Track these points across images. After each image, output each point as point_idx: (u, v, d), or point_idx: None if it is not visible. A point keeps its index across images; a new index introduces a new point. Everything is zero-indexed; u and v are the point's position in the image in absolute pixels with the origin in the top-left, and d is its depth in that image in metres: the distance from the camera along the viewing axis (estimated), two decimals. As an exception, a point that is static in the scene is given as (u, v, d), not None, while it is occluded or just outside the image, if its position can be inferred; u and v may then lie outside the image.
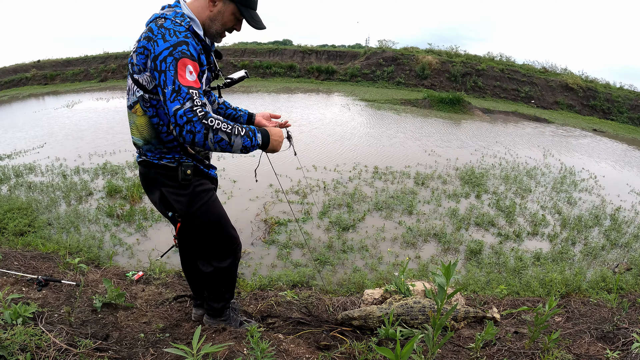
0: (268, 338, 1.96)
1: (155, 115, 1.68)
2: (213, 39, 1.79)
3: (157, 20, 1.60)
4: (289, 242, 4.95)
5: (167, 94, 1.49)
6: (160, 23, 1.57)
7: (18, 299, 2.11)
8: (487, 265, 4.52)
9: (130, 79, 1.68)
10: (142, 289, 2.85)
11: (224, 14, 1.71)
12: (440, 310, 1.51)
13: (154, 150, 1.75)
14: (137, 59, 1.61)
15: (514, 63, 23.96)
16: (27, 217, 5.12)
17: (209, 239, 1.92)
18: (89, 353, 1.65)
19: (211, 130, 1.50)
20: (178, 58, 1.51)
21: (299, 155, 2.35)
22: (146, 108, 1.67)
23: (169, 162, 1.76)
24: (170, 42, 1.52)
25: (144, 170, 1.84)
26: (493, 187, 7.38)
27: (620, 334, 2.03)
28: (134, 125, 1.74)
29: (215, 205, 1.89)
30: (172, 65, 1.50)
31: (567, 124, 16.65)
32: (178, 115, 1.48)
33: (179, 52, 1.52)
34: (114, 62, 26.01)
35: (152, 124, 1.70)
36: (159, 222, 5.43)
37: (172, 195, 1.79)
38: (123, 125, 11.68)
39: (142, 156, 1.81)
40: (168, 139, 1.73)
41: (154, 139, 1.73)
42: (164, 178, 1.78)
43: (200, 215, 1.82)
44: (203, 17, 1.70)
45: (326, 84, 23.35)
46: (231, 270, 2.02)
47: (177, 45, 1.52)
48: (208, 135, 1.51)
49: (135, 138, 1.77)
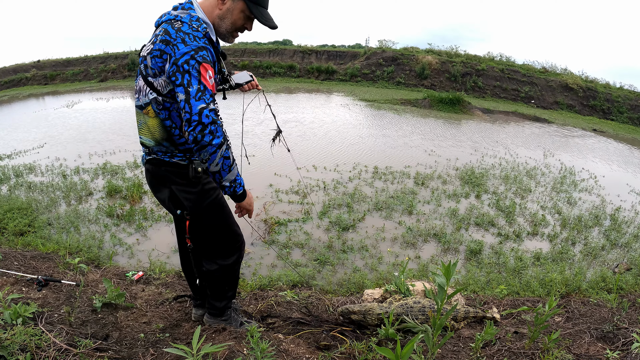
0: (268, 338, 1.96)
1: (167, 118, 1.68)
2: (224, 39, 1.79)
3: (172, 22, 1.60)
4: (289, 242, 4.95)
5: (193, 93, 1.51)
6: (178, 27, 1.57)
7: (18, 299, 2.11)
8: (487, 265, 4.52)
9: (142, 81, 1.67)
10: (142, 289, 2.85)
11: (233, 12, 1.71)
12: (440, 310, 1.51)
13: (165, 149, 1.75)
14: (153, 62, 1.60)
15: (514, 63, 23.98)
16: (27, 217, 5.12)
17: (215, 236, 1.93)
18: (89, 353, 1.65)
19: (227, 143, 1.58)
20: (201, 62, 1.54)
21: (298, 155, 2.36)
22: (159, 110, 1.67)
23: (180, 160, 1.76)
24: (191, 46, 1.54)
25: (153, 168, 1.83)
26: (493, 187, 7.38)
27: (620, 334, 2.03)
28: (144, 126, 1.74)
29: (222, 203, 1.90)
30: (196, 68, 1.53)
31: (567, 124, 16.65)
32: (204, 114, 1.51)
33: (201, 56, 1.55)
34: (114, 62, 26.04)
35: (164, 126, 1.70)
36: (159, 222, 5.43)
37: (182, 193, 1.80)
38: (123, 125, 11.69)
39: (152, 154, 1.80)
40: (180, 142, 1.73)
41: (165, 140, 1.73)
42: (174, 176, 1.78)
43: (208, 213, 1.84)
44: (213, 16, 1.71)
45: (326, 84, 23.36)
46: (235, 268, 2.04)
47: (198, 49, 1.55)
48: (223, 145, 1.58)
49: (146, 138, 1.76)
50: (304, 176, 7.45)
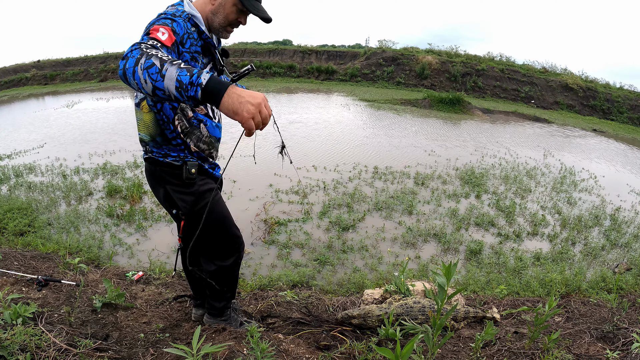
0: (268, 338, 1.96)
1: (159, 111, 1.70)
2: (218, 34, 1.79)
3: (158, 15, 1.62)
4: (289, 242, 4.95)
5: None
6: (160, 14, 1.60)
7: (18, 299, 2.11)
8: (487, 265, 4.52)
9: None
10: (142, 289, 2.85)
11: (225, 6, 1.70)
12: (440, 311, 1.51)
13: (160, 147, 1.77)
14: None
15: (514, 63, 23.98)
16: (27, 217, 5.12)
17: (212, 238, 1.92)
18: (88, 353, 1.65)
19: (145, 55, 1.22)
20: (153, 24, 1.51)
21: (298, 155, 2.36)
22: (153, 104, 1.69)
23: (173, 161, 1.77)
24: (156, 18, 1.55)
25: (150, 167, 1.85)
26: (493, 187, 7.38)
27: (620, 334, 2.03)
28: (141, 122, 1.76)
29: (219, 205, 1.90)
30: (147, 29, 1.50)
31: (567, 124, 16.65)
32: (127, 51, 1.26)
33: (160, 20, 1.53)
34: (114, 62, 26.01)
35: (156, 121, 1.72)
36: (159, 222, 5.43)
37: (176, 194, 1.81)
38: (123, 125, 11.69)
39: (149, 153, 1.81)
40: (172, 136, 1.74)
41: (159, 135, 1.74)
42: (169, 176, 1.80)
43: (205, 215, 1.83)
44: (206, 12, 1.72)
45: (326, 84, 23.35)
46: (233, 270, 2.03)
47: (162, 18, 1.54)
48: (140, 60, 1.21)
49: (143, 134, 1.78)
50: (304, 176, 7.45)
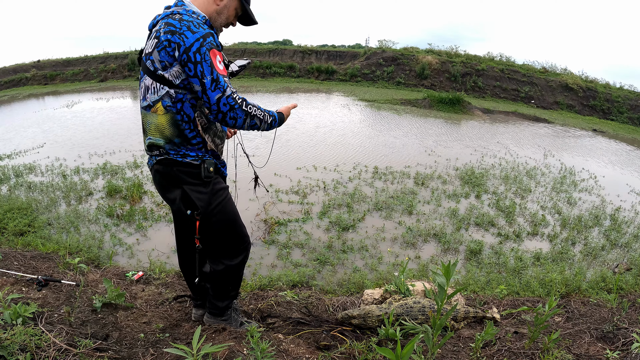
0: (268, 338, 1.96)
1: (179, 112, 1.69)
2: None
3: (171, 16, 1.63)
4: (288, 242, 4.95)
5: (207, 84, 1.58)
6: (179, 18, 1.61)
7: (18, 299, 2.11)
8: (487, 265, 4.52)
9: (150, 79, 1.68)
10: (142, 289, 2.85)
11: (229, 9, 1.79)
12: (440, 311, 1.51)
13: (178, 148, 1.75)
14: (162, 55, 1.62)
15: (514, 63, 23.96)
16: (27, 217, 5.12)
17: (223, 236, 1.94)
18: (88, 353, 1.65)
19: (249, 116, 1.70)
20: (209, 49, 1.58)
21: (298, 155, 2.38)
22: (172, 104, 1.68)
23: (193, 160, 1.77)
24: (198, 33, 1.58)
25: (164, 169, 1.80)
26: (493, 187, 7.38)
27: (620, 334, 2.03)
28: (152, 126, 1.74)
29: (231, 204, 1.92)
30: (207, 56, 1.57)
31: (567, 124, 16.64)
32: (221, 104, 1.62)
33: (209, 43, 1.59)
34: (114, 62, 26.01)
35: (174, 122, 1.70)
36: (158, 222, 5.43)
37: (194, 193, 1.80)
38: (123, 125, 11.69)
39: (164, 155, 1.78)
40: (192, 135, 1.75)
41: (176, 137, 1.73)
42: (187, 176, 1.79)
43: (218, 213, 1.85)
44: (210, 11, 1.75)
45: (326, 84, 23.34)
46: (240, 269, 2.05)
47: (205, 36, 1.59)
48: (246, 120, 1.70)
49: (155, 139, 1.75)
50: (304, 176, 7.45)
